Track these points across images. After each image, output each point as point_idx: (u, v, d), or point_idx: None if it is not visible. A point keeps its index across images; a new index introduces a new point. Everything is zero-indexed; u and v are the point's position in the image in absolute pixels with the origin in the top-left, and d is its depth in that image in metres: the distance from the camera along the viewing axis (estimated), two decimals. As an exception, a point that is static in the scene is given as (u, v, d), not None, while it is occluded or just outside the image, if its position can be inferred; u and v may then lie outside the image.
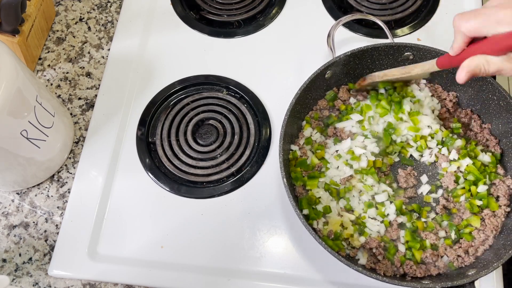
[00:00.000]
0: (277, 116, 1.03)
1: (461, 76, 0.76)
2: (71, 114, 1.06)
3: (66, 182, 0.99)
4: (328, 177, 0.94)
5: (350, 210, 0.91)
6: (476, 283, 0.87)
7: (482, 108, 0.99)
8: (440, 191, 0.94)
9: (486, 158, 0.94)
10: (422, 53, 0.98)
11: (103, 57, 1.12)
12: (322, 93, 1.01)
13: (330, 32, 1.01)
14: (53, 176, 1.00)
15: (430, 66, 0.89)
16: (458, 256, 0.88)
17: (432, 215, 0.93)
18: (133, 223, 0.95)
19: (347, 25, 1.12)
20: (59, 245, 0.93)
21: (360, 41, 1.11)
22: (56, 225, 0.96)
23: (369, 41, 1.11)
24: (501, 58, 0.73)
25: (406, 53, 0.99)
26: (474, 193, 0.92)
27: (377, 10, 1.15)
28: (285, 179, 0.86)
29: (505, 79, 1.94)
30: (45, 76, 1.10)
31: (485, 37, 0.73)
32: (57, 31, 1.15)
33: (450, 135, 0.97)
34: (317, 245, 0.82)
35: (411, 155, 0.97)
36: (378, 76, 0.95)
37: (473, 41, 0.77)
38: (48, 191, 0.99)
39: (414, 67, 0.91)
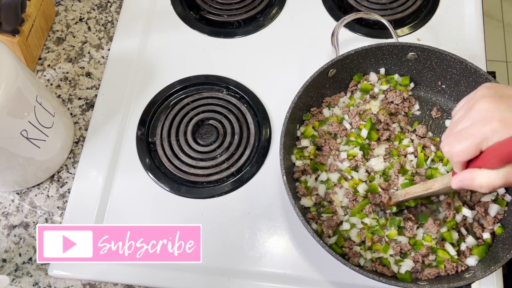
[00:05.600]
0: (277, 116, 1.03)
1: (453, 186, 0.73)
2: (71, 114, 1.06)
3: (66, 182, 0.99)
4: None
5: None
6: (476, 283, 0.87)
7: None
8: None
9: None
10: (427, 54, 0.97)
11: (103, 57, 1.12)
12: (324, 92, 1.01)
13: (334, 31, 1.01)
14: (53, 176, 1.00)
15: (449, 180, 0.81)
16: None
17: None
18: (133, 223, 0.94)
19: (347, 25, 1.12)
20: (59, 245, 0.93)
21: (360, 41, 1.11)
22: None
23: (369, 41, 1.11)
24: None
25: (410, 54, 0.99)
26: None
27: (377, 10, 1.14)
28: (285, 177, 0.86)
29: None
30: (45, 76, 1.10)
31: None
32: (57, 31, 1.15)
33: None
34: (317, 245, 0.82)
35: None
36: (401, 195, 0.90)
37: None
38: (48, 191, 0.99)
39: (434, 182, 0.86)
